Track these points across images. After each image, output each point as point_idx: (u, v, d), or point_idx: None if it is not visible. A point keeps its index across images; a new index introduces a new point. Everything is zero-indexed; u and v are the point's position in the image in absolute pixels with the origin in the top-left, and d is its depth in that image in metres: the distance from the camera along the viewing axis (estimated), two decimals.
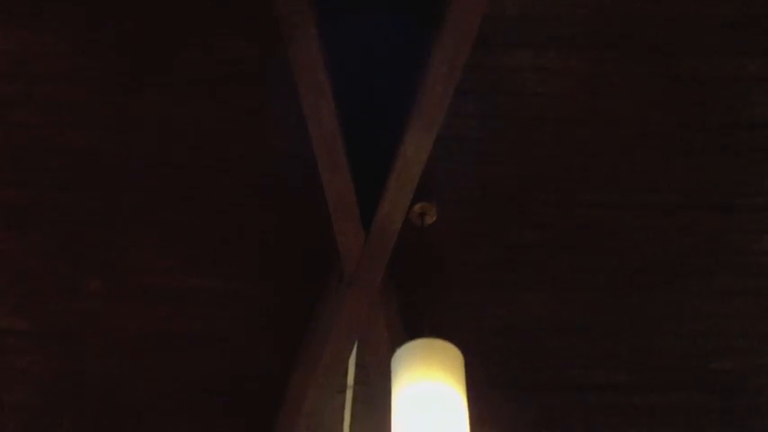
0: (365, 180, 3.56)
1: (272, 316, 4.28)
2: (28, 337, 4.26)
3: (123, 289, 4.17)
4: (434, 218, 4.01)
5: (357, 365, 4.67)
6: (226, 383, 4.45)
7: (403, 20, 3.45)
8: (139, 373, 4.40)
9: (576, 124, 3.97)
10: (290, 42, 3.06)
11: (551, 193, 4.10)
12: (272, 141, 3.87)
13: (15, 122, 3.84)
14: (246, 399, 4.48)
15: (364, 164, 3.58)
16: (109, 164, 3.96)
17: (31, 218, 4.02)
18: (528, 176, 4.08)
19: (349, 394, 5.11)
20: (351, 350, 4.00)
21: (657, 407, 4.63)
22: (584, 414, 4.67)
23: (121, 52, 3.66)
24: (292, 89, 3.23)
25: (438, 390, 3.23)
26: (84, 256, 4.10)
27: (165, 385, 4.43)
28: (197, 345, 4.31)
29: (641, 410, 4.65)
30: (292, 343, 4.27)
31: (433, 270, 4.09)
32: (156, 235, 4.07)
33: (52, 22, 3.55)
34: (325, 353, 3.91)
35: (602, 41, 3.68)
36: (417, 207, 3.90)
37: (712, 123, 3.96)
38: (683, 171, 4.07)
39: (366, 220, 3.59)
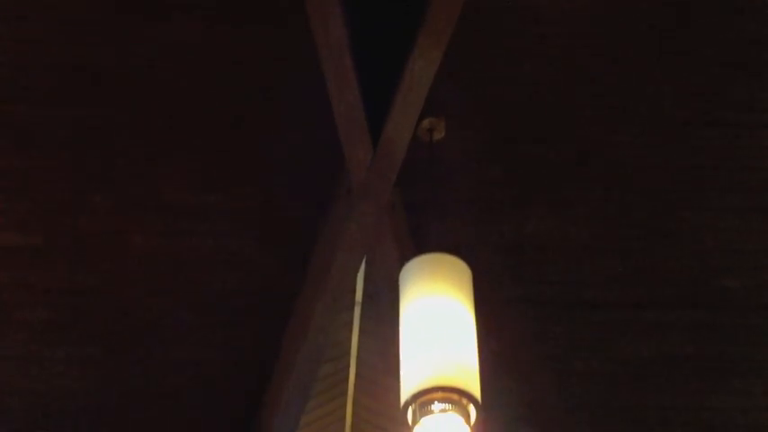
0: (374, 94, 3.53)
1: (280, 232, 4.28)
2: (37, 253, 4.27)
3: (132, 206, 4.17)
4: (443, 133, 3.98)
5: (365, 282, 4.71)
6: (234, 299, 4.47)
7: None
8: (149, 290, 4.42)
9: (584, 41, 3.95)
10: None
11: (562, 109, 4.07)
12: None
13: (19, 39, 3.82)
14: (255, 314, 4.50)
15: (373, 78, 3.55)
16: (116, 81, 3.94)
17: (37, 135, 4.01)
18: (539, 93, 4.05)
19: (357, 310, 5.16)
20: (359, 266, 4.01)
21: (668, 324, 4.64)
22: (593, 331, 4.69)
23: None
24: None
25: (446, 304, 3.24)
26: (93, 173, 4.10)
27: (174, 301, 4.46)
28: (206, 261, 4.32)
29: (651, 328, 4.66)
30: (301, 259, 4.28)
31: (441, 185, 4.07)
32: (164, 152, 4.06)
33: None
34: (333, 268, 3.92)
35: None
36: (426, 122, 3.88)
37: (726, 40, 3.92)
38: (696, 87, 4.04)
39: (374, 135, 3.57)
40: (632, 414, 5.03)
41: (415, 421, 3.07)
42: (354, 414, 6.12)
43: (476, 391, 3.06)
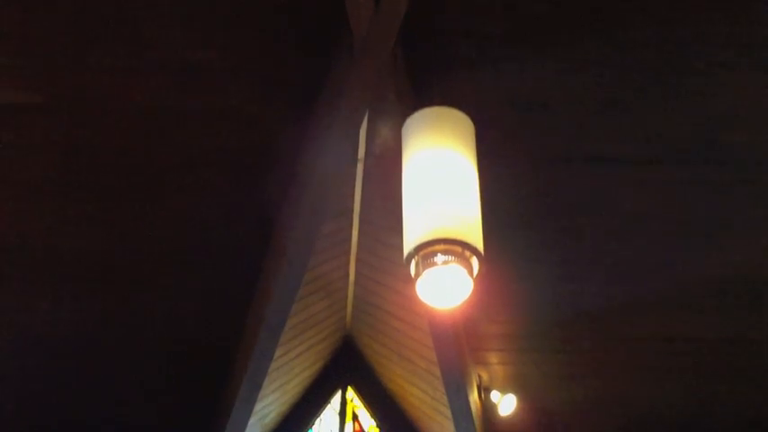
0: None
1: (281, 88, 4.24)
2: (41, 111, 4.25)
3: (132, 63, 4.12)
4: None
5: (367, 138, 4.69)
6: (236, 155, 4.47)
7: None
8: (154, 144, 4.42)
9: None
10: None
11: None
12: None
13: None
14: (256, 170, 4.52)
15: None
16: None
17: None
18: None
19: (360, 167, 5.16)
20: (361, 120, 3.97)
21: (670, 179, 4.67)
22: (596, 186, 4.72)
23: None
24: None
25: (449, 157, 3.21)
26: (94, 32, 4.03)
27: (175, 157, 4.47)
28: (207, 117, 4.30)
29: (653, 183, 4.69)
30: (303, 114, 4.26)
31: (444, 40, 4.02)
32: (164, 9, 3.98)
33: None
34: (335, 123, 3.90)
35: None
36: None
37: None
38: None
39: None
40: (635, 264, 5.14)
41: (417, 274, 3.07)
42: (357, 272, 6.21)
43: (478, 243, 3.06)
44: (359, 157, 4.96)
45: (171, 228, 4.81)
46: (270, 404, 6.62)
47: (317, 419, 7.51)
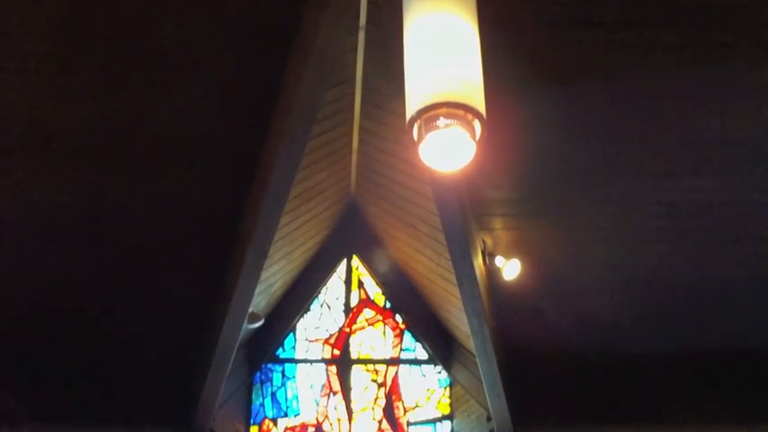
0: None
1: None
2: None
3: None
4: None
5: (369, 4, 4.61)
6: (237, 23, 4.41)
7: None
8: (156, 19, 4.35)
9: None
10: None
11: None
12: None
13: None
14: (258, 38, 4.46)
15: None
16: None
17: None
18: None
19: (361, 35, 5.09)
20: None
21: (659, 44, 4.61)
22: (596, 52, 4.66)
23: None
24: None
25: (450, 21, 3.15)
26: None
27: (181, 30, 4.41)
28: None
29: (654, 49, 4.63)
30: None
31: None
32: None
33: None
34: None
35: None
36: None
37: None
38: None
39: None
40: (636, 126, 5.11)
41: (420, 138, 3.05)
42: (361, 139, 6.20)
43: (480, 106, 3.03)
44: (360, 24, 4.89)
45: (172, 102, 4.78)
46: (276, 273, 6.73)
47: (323, 288, 7.65)
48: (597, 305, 6.35)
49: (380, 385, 7.28)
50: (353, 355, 7.41)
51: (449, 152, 3.11)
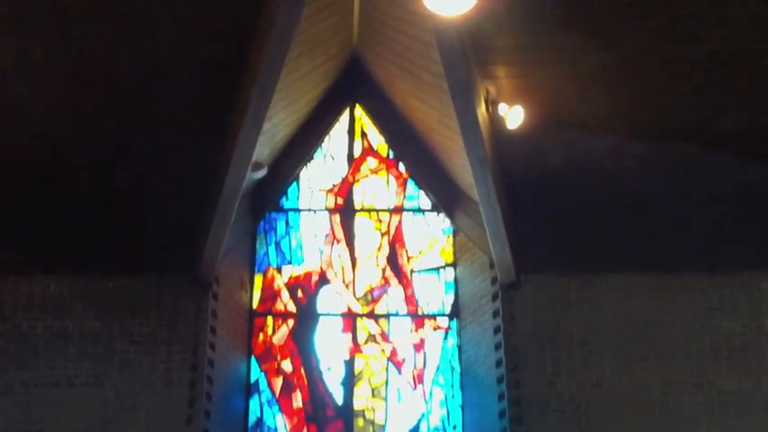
0: None
1: None
2: None
3: None
4: None
5: None
6: None
7: None
8: None
9: None
10: None
11: None
12: None
13: None
14: None
15: None
16: None
17: None
18: None
19: None
20: None
21: None
22: None
23: None
24: None
25: None
26: None
27: None
28: None
29: None
30: None
31: None
32: None
33: None
34: None
35: None
36: None
37: None
38: None
39: None
40: None
41: None
42: None
43: None
44: None
45: None
46: (279, 124, 6.69)
47: (327, 138, 7.60)
48: (601, 148, 6.33)
49: (384, 234, 7.35)
50: (357, 205, 7.45)
51: None
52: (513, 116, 5.92)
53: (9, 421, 6.15)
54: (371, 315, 7.14)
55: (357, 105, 7.60)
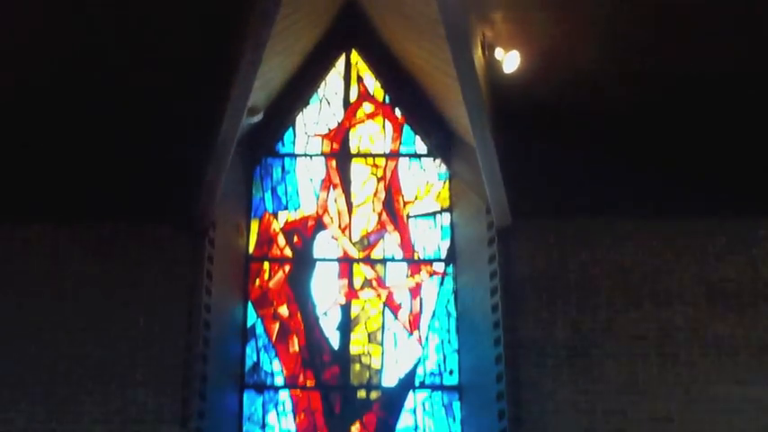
0: None
1: None
2: None
3: None
4: None
5: None
6: None
7: None
8: None
9: None
10: None
11: None
12: None
13: None
14: None
15: None
16: None
17: None
18: None
19: None
20: None
21: None
22: None
23: None
24: None
25: None
26: None
27: None
28: None
29: None
30: None
31: None
32: None
33: None
34: None
35: None
36: None
37: None
38: None
39: None
40: None
41: None
42: None
43: None
44: None
45: None
46: (275, 68, 6.63)
47: (322, 83, 7.55)
48: (598, 92, 6.30)
49: (380, 179, 7.33)
50: (353, 150, 7.43)
51: None
52: (510, 61, 5.88)
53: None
54: (367, 260, 7.14)
55: (353, 50, 7.54)
